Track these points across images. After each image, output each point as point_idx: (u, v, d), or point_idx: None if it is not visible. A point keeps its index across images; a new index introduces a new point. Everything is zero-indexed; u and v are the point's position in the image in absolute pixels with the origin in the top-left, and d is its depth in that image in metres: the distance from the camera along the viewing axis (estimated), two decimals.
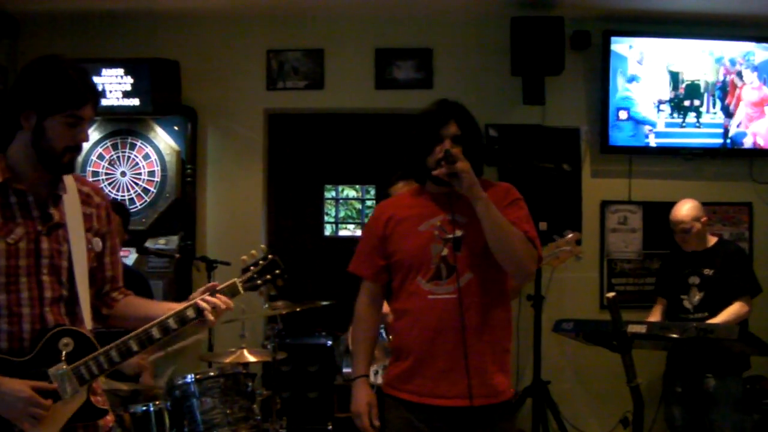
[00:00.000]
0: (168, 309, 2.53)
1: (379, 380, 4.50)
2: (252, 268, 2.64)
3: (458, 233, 2.93)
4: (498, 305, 2.99)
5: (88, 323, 2.43)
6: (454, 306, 2.89)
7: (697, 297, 4.71)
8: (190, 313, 2.48)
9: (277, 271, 2.66)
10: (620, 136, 5.74)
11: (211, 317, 2.50)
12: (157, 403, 4.04)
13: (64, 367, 2.32)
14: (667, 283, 4.96)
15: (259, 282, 2.63)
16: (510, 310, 3.08)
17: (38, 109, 2.32)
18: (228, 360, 4.37)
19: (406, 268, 2.99)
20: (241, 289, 2.59)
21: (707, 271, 4.71)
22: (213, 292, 2.53)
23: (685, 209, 4.79)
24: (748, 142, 5.82)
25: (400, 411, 2.99)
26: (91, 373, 2.35)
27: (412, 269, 2.97)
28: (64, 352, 2.33)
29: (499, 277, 2.98)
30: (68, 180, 2.50)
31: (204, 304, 2.48)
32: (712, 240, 4.87)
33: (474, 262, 2.92)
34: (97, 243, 2.53)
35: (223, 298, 2.53)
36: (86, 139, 2.44)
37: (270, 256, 2.66)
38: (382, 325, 4.47)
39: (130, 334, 2.42)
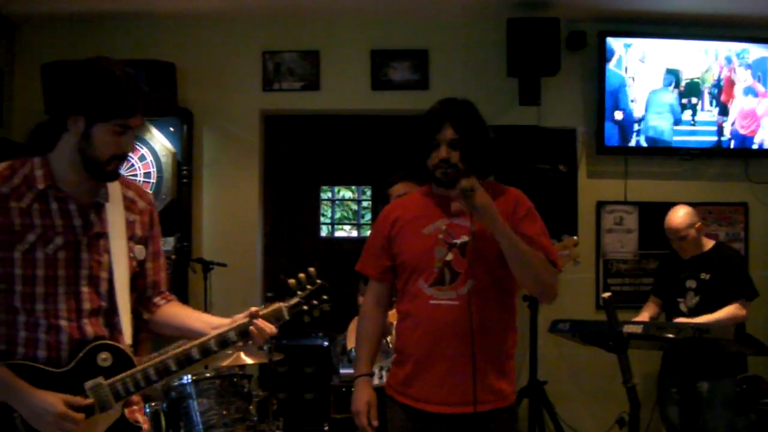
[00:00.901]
0: (207, 322, 2.48)
1: (375, 381, 4.51)
2: (299, 293, 2.51)
3: (465, 238, 2.89)
4: (502, 312, 2.95)
5: (128, 336, 2.38)
6: (456, 312, 2.85)
7: (693, 300, 4.71)
8: (233, 336, 2.41)
9: (325, 297, 2.53)
10: (615, 136, 5.75)
11: (258, 342, 2.45)
12: (154, 404, 4.03)
13: (101, 381, 2.28)
14: (663, 284, 4.96)
15: (305, 308, 2.51)
16: (515, 315, 3.03)
17: (87, 114, 2.27)
18: (225, 362, 4.37)
19: (409, 271, 2.96)
20: (287, 315, 2.48)
21: (704, 275, 4.69)
22: (257, 316, 2.44)
23: (680, 217, 4.74)
24: (743, 141, 5.83)
25: (400, 414, 2.98)
26: (127, 390, 2.31)
27: (414, 272, 2.94)
28: (102, 368, 2.30)
29: (503, 285, 2.93)
30: (114, 184, 2.44)
31: (253, 329, 2.40)
32: (709, 244, 4.84)
33: (477, 268, 2.87)
34: (140, 251, 2.48)
35: (268, 324, 2.44)
36: (132, 149, 2.40)
37: (318, 281, 2.54)
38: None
39: (169, 353, 2.37)
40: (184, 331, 2.49)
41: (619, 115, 5.74)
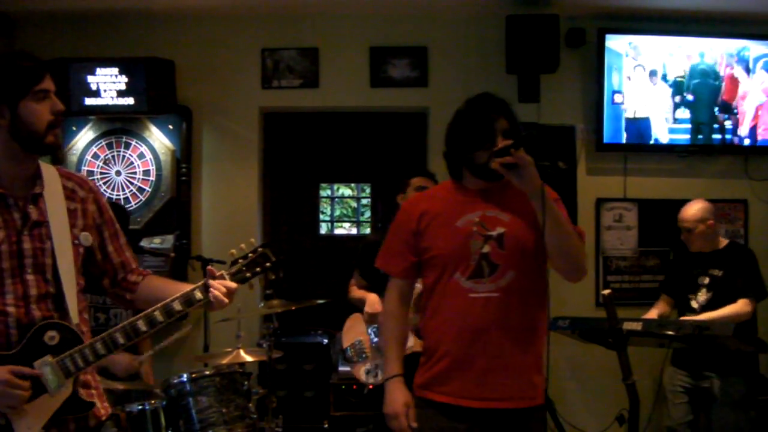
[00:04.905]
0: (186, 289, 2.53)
1: (371, 380, 4.51)
2: (240, 260, 2.56)
3: (501, 230, 2.84)
4: (539, 305, 2.90)
5: (75, 317, 2.41)
6: (497, 305, 2.80)
7: (704, 297, 4.71)
8: (177, 305, 2.47)
9: (268, 264, 2.56)
10: (615, 133, 5.75)
11: (222, 299, 2.50)
12: (153, 402, 4.03)
13: (50, 359, 2.31)
14: (674, 281, 4.96)
15: (248, 275, 2.55)
16: (546, 310, 2.98)
17: (6, 99, 2.34)
18: (224, 360, 4.36)
19: (443, 265, 2.86)
20: (229, 281, 2.54)
21: (716, 272, 4.71)
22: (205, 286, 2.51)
23: (692, 210, 4.79)
24: (743, 138, 5.83)
25: (432, 414, 2.87)
26: (76, 366, 2.34)
27: (449, 266, 2.85)
28: (50, 346, 2.33)
29: (539, 277, 2.89)
30: (52, 176, 2.50)
31: (215, 289, 2.49)
32: (724, 242, 4.87)
33: (516, 260, 2.82)
34: (86, 237, 2.51)
35: (220, 287, 2.51)
36: (62, 108, 2.44)
37: (260, 249, 2.57)
38: (375, 325, 4.48)
39: (116, 326, 2.41)
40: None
41: (618, 112, 5.74)
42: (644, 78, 5.76)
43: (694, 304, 4.75)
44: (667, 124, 5.78)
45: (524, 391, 2.83)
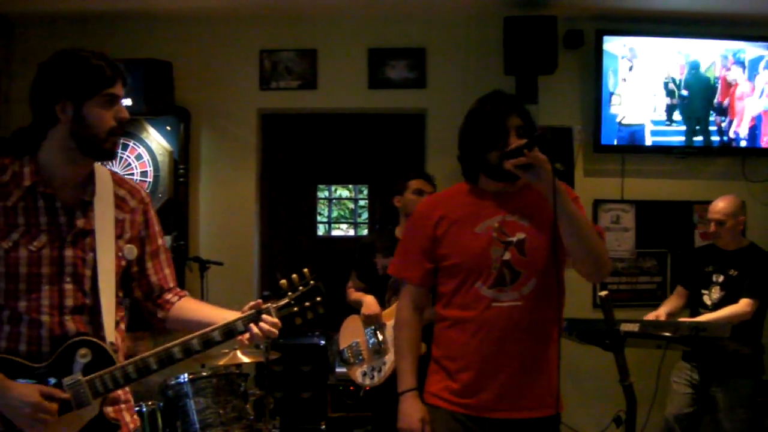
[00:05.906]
0: (224, 317, 2.42)
1: (367, 381, 4.51)
2: (290, 294, 2.43)
3: (521, 235, 2.75)
4: (557, 312, 2.80)
5: (110, 334, 2.35)
6: (520, 314, 2.72)
7: (717, 295, 4.72)
8: (217, 336, 2.37)
9: (318, 299, 2.44)
10: (612, 134, 5.75)
11: (263, 336, 2.41)
12: (150, 403, 4.03)
13: (80, 378, 2.26)
14: (690, 275, 4.98)
15: (296, 309, 2.44)
16: (561, 315, 2.87)
17: (73, 96, 2.28)
18: (221, 361, 4.37)
19: (464, 273, 2.76)
20: (274, 316, 2.42)
21: (732, 272, 4.72)
22: (254, 318, 2.40)
23: (725, 203, 4.80)
24: (740, 140, 5.84)
25: (452, 425, 2.78)
26: (105, 387, 2.28)
27: (471, 274, 2.74)
28: (82, 363, 2.27)
29: (560, 283, 2.79)
30: (105, 182, 2.44)
31: (253, 327, 2.38)
32: (745, 243, 4.89)
33: (538, 266, 2.74)
34: (130, 251, 2.45)
35: (266, 325, 2.40)
36: (127, 116, 2.38)
37: (312, 283, 2.45)
38: (372, 327, 4.48)
39: (149, 351, 2.34)
40: (200, 326, 2.43)
41: (615, 114, 5.74)
42: (641, 79, 5.76)
43: (707, 300, 4.77)
44: (664, 126, 5.79)
45: (546, 400, 2.81)
